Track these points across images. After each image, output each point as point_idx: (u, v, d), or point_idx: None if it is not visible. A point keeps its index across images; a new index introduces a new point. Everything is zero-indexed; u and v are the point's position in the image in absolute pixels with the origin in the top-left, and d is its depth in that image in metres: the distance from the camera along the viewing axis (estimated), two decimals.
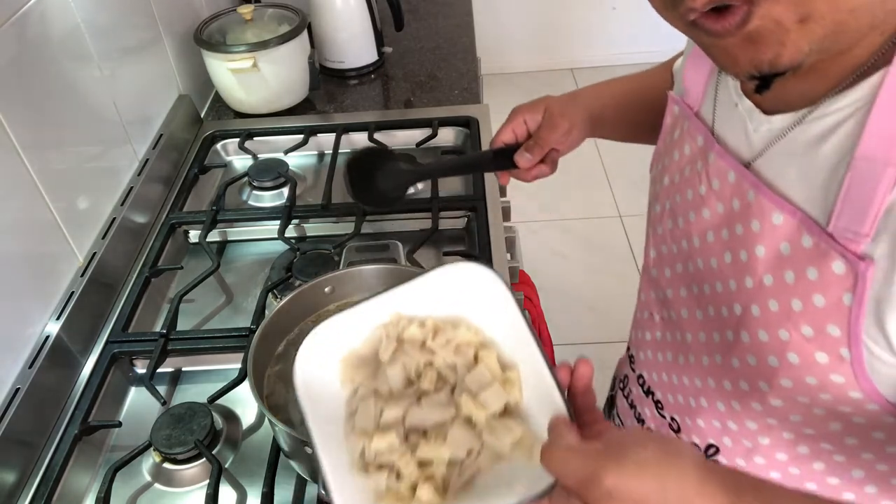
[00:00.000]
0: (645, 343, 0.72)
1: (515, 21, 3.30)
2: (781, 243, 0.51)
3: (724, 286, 0.57)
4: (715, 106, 0.59)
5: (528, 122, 0.79)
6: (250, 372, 0.71)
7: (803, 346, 0.50)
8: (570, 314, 2.11)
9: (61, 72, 0.96)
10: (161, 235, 1.07)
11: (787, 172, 0.51)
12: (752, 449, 0.60)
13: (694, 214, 0.60)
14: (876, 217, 0.44)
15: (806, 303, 0.49)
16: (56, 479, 0.76)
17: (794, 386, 0.52)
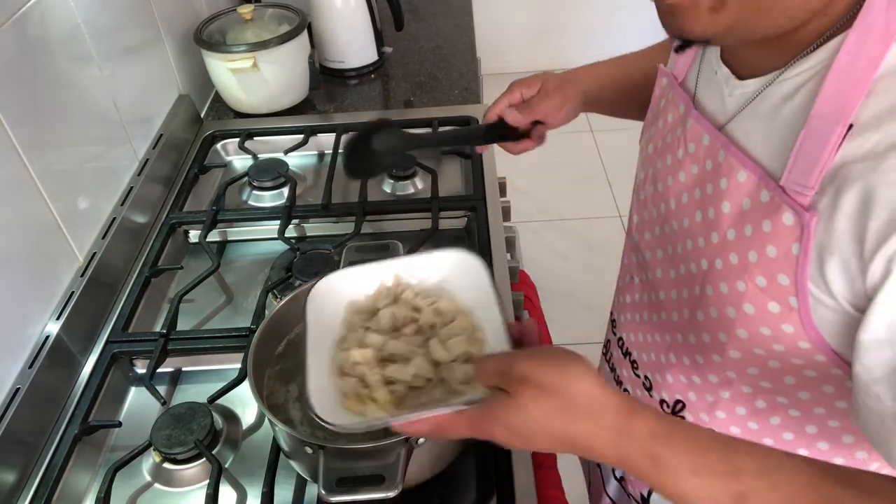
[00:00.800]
0: (626, 306, 0.77)
1: (515, 21, 3.30)
2: (744, 199, 0.55)
3: (693, 243, 0.61)
4: (698, 75, 0.64)
5: (524, 94, 0.84)
6: (250, 372, 0.71)
7: (757, 296, 0.54)
8: (570, 314, 2.11)
9: (61, 72, 0.96)
10: (161, 235, 1.07)
11: (754, 132, 0.55)
12: (713, 403, 0.64)
13: (672, 178, 0.64)
14: (822, 171, 0.47)
15: (761, 254, 0.53)
16: (56, 479, 0.76)
17: (749, 337, 0.56)
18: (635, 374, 0.75)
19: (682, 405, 0.68)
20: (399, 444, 0.63)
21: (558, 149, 3.07)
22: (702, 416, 0.66)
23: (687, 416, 0.68)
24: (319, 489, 0.62)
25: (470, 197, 1.11)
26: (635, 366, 0.75)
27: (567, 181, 2.75)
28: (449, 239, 1.09)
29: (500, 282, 0.96)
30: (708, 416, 0.66)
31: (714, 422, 0.65)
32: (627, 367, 0.77)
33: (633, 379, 0.76)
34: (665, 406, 0.70)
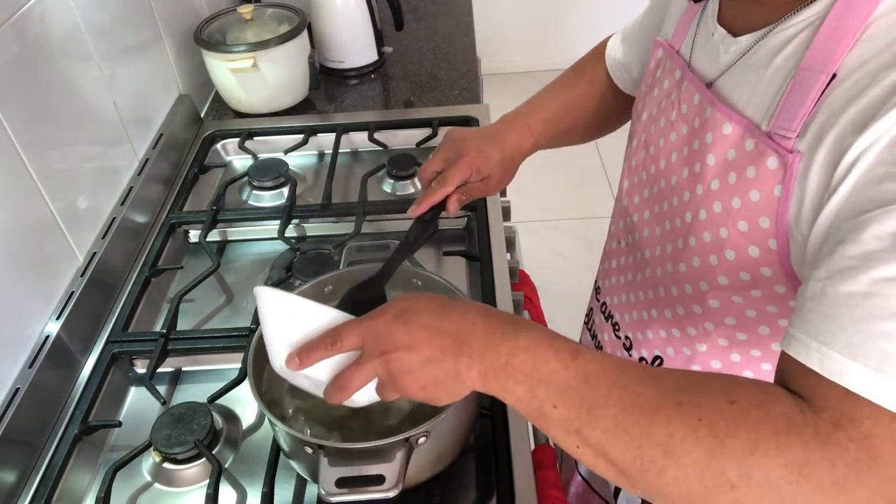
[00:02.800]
0: (611, 271, 0.79)
1: (515, 21, 3.30)
2: (729, 150, 0.57)
3: (679, 199, 0.63)
4: (694, 40, 0.66)
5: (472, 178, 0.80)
6: (250, 372, 0.71)
7: (739, 242, 0.57)
8: (570, 314, 2.10)
9: (61, 72, 0.96)
10: (161, 235, 1.07)
11: (744, 85, 0.57)
12: (690, 357, 0.67)
13: (663, 140, 0.67)
14: (804, 116, 0.50)
15: (744, 199, 0.55)
16: (56, 478, 0.76)
17: (729, 283, 0.59)
18: (616, 336, 0.78)
19: (660, 361, 0.71)
20: (399, 444, 0.63)
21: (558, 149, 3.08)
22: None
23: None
24: (319, 489, 0.62)
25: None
26: (617, 328, 0.77)
27: (567, 181, 2.75)
28: (449, 239, 1.09)
29: (501, 282, 0.96)
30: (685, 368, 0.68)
31: None
32: (609, 331, 0.79)
33: (615, 341, 0.78)
34: (644, 363, 0.72)
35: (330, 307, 0.61)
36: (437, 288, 0.80)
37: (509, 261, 1.03)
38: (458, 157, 0.79)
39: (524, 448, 0.77)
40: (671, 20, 0.73)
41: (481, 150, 0.81)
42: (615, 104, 0.91)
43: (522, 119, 0.88)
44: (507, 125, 0.86)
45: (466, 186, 0.81)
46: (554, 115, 0.89)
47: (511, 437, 0.78)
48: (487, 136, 0.84)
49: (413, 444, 0.64)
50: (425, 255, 1.02)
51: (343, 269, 0.84)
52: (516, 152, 0.85)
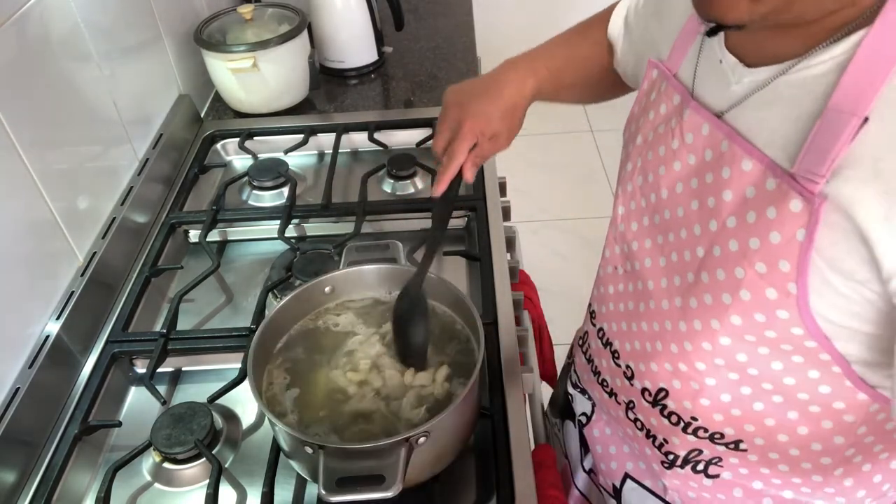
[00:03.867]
0: (607, 297, 0.76)
1: (515, 21, 3.30)
2: (748, 188, 0.55)
3: (688, 232, 0.61)
4: (697, 65, 0.63)
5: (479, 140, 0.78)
6: (250, 372, 0.71)
7: (756, 283, 0.54)
8: (570, 314, 2.10)
9: (61, 72, 0.96)
10: (161, 235, 1.07)
11: (763, 121, 0.54)
12: (698, 391, 0.64)
13: (664, 168, 0.64)
14: (834, 160, 0.48)
15: (763, 240, 0.53)
16: (56, 478, 0.76)
17: (743, 323, 0.57)
18: (615, 364, 0.75)
19: (665, 393, 0.68)
20: (399, 444, 0.63)
21: (558, 149, 3.08)
22: (685, 404, 0.66)
23: (670, 404, 0.68)
24: (319, 489, 0.62)
25: (470, 197, 1.11)
26: (616, 356, 0.75)
27: (567, 181, 2.75)
28: (449, 239, 1.09)
29: (501, 282, 0.96)
30: (691, 403, 0.66)
31: (698, 409, 0.65)
32: (608, 358, 0.77)
33: (614, 369, 0.76)
34: (647, 395, 0.70)
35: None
36: (437, 288, 0.80)
37: (509, 261, 1.03)
38: (459, 126, 0.77)
39: (524, 448, 0.77)
40: (666, 40, 0.69)
41: (481, 112, 0.78)
42: (616, 76, 0.87)
43: (525, 62, 0.84)
44: (508, 68, 0.83)
45: (477, 150, 0.78)
46: (558, 66, 0.85)
47: (511, 437, 0.78)
48: (486, 89, 0.81)
49: (413, 444, 0.64)
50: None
51: (343, 269, 0.84)
52: (518, 99, 0.81)
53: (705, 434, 0.67)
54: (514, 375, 0.84)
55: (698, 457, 0.69)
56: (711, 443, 0.67)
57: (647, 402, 0.71)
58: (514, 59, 0.85)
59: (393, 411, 0.72)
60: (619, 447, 0.81)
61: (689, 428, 0.67)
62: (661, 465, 0.72)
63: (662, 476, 0.73)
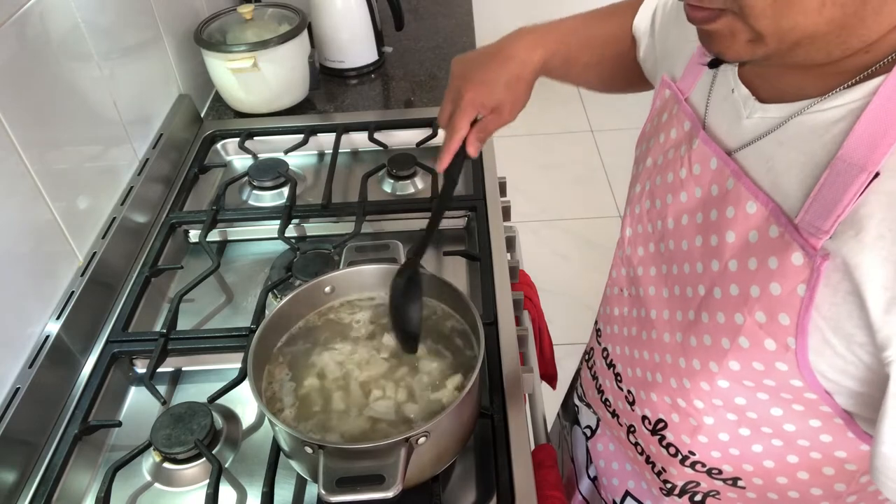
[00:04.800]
0: (613, 318, 0.74)
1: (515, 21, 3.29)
2: (751, 231, 0.53)
3: (691, 268, 0.59)
4: (710, 92, 0.61)
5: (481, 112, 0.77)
6: (250, 371, 0.71)
7: (755, 332, 0.52)
8: (570, 314, 2.11)
9: (61, 71, 0.96)
10: (161, 235, 1.07)
11: (773, 162, 0.52)
12: (696, 427, 0.63)
13: (671, 197, 0.62)
14: (839, 216, 0.46)
15: (763, 290, 0.51)
16: (56, 478, 0.76)
17: (741, 369, 0.55)
18: (618, 387, 0.73)
19: (663, 424, 0.66)
20: (399, 444, 0.63)
21: (558, 149, 3.08)
22: (683, 438, 0.65)
23: (668, 435, 0.67)
24: (319, 489, 0.62)
25: (470, 197, 1.11)
26: (619, 378, 0.73)
27: (567, 181, 2.75)
28: (449, 239, 1.09)
29: (501, 282, 0.96)
30: (690, 438, 0.64)
31: (696, 445, 0.64)
32: (611, 379, 0.75)
33: (616, 391, 0.74)
34: (647, 423, 0.69)
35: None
36: (437, 288, 0.80)
37: (509, 261, 1.03)
38: (460, 96, 0.75)
39: (524, 448, 0.77)
40: (681, 57, 0.66)
41: (482, 83, 0.76)
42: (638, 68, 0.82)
43: (538, 33, 0.80)
44: (517, 37, 0.80)
45: (480, 123, 0.76)
46: (573, 43, 0.81)
47: (511, 437, 0.78)
48: (490, 59, 0.78)
49: (413, 444, 0.64)
50: (426, 254, 1.02)
51: (343, 269, 0.84)
52: (522, 70, 0.78)
53: (703, 469, 0.65)
54: (514, 375, 0.84)
55: (696, 488, 0.68)
56: (709, 477, 0.66)
57: (646, 430, 0.69)
58: (528, 28, 0.81)
59: (395, 411, 0.72)
60: (622, 464, 0.80)
61: (687, 461, 0.66)
62: (660, 491, 0.72)
63: (661, 501, 0.72)
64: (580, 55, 0.83)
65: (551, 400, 1.07)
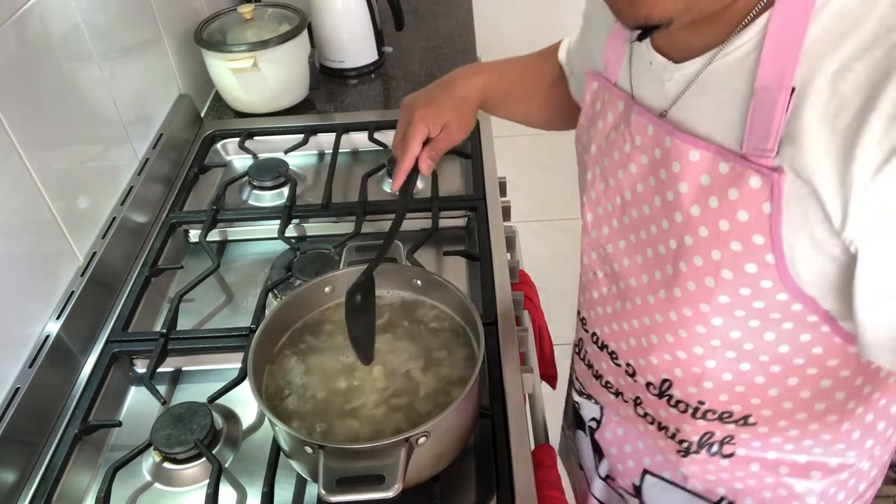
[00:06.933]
0: (593, 301, 0.79)
1: (515, 21, 3.30)
2: (701, 176, 0.57)
3: (658, 227, 0.63)
4: (631, 72, 0.65)
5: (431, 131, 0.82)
6: (250, 371, 0.71)
7: (734, 261, 0.56)
8: (570, 314, 2.10)
9: (61, 71, 0.96)
10: (161, 235, 1.07)
11: (702, 111, 0.57)
12: (700, 374, 0.66)
13: (622, 172, 0.66)
14: (777, 134, 0.51)
15: (732, 221, 0.55)
16: (56, 478, 0.76)
17: (730, 301, 0.59)
18: (615, 364, 0.76)
19: (668, 383, 0.70)
20: (399, 444, 0.63)
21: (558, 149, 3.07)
22: (689, 390, 0.68)
23: (675, 393, 0.70)
24: (319, 489, 0.62)
25: (470, 197, 1.11)
26: (614, 356, 0.76)
27: (567, 181, 2.74)
28: (449, 239, 1.09)
29: (501, 282, 0.96)
30: (696, 388, 0.67)
31: (703, 393, 0.67)
32: (606, 360, 0.78)
33: (614, 369, 0.77)
34: (652, 388, 0.72)
35: None
36: (436, 288, 0.80)
37: (509, 261, 1.03)
38: (410, 118, 0.81)
39: (524, 448, 0.77)
40: (596, 52, 0.72)
41: (429, 102, 0.82)
42: (573, 104, 0.89)
43: (478, 65, 0.90)
44: (460, 69, 0.88)
45: (431, 143, 0.81)
46: (509, 73, 0.89)
47: (511, 437, 0.78)
48: (435, 86, 0.86)
49: (413, 444, 0.64)
50: (425, 255, 1.02)
51: (343, 269, 0.84)
52: (466, 91, 0.85)
53: (714, 416, 0.68)
54: (514, 375, 0.85)
55: (711, 439, 0.71)
56: (721, 423, 0.69)
57: (653, 396, 0.72)
58: (469, 65, 0.90)
59: (395, 411, 0.72)
60: (634, 445, 0.81)
61: (698, 413, 0.69)
62: (678, 455, 0.74)
63: (680, 465, 0.74)
64: (517, 84, 0.91)
65: (551, 400, 1.07)
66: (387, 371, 0.76)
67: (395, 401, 0.73)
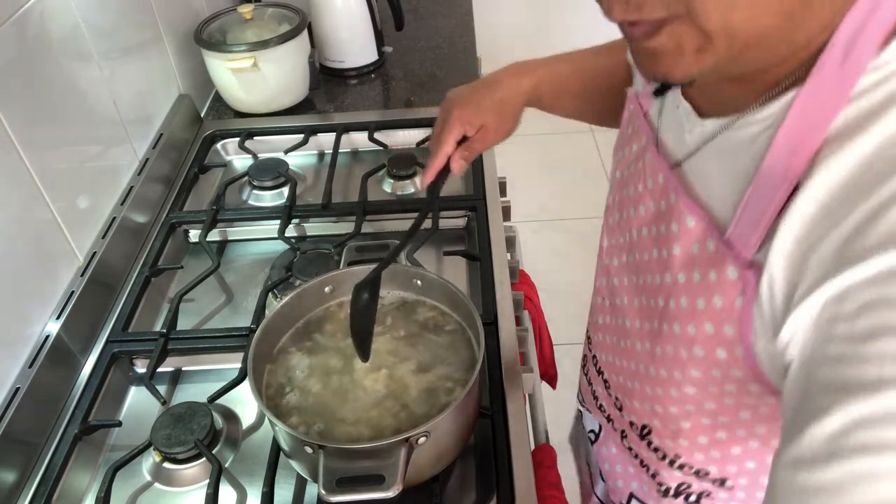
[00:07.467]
0: (598, 326, 0.75)
1: (515, 21, 3.30)
2: (693, 244, 0.54)
3: (652, 278, 0.60)
4: (661, 108, 0.61)
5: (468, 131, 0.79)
6: (250, 371, 0.71)
7: (707, 342, 0.53)
8: (570, 314, 2.10)
9: (61, 71, 0.96)
10: (161, 235, 1.07)
11: (710, 175, 0.53)
12: (676, 431, 0.63)
13: (634, 209, 0.63)
14: (765, 228, 0.46)
15: (708, 302, 0.52)
16: (56, 478, 0.77)
17: (702, 377, 0.56)
18: (608, 393, 0.74)
19: (648, 430, 0.67)
20: (399, 444, 0.63)
21: (558, 149, 3.08)
22: (667, 443, 0.66)
23: (654, 440, 0.67)
24: (319, 489, 0.62)
25: (470, 197, 1.11)
26: (607, 385, 0.74)
27: (567, 181, 2.75)
28: (449, 239, 1.09)
29: (501, 281, 0.96)
30: (673, 442, 0.65)
31: (678, 448, 0.65)
32: (601, 385, 0.76)
33: (607, 397, 0.75)
34: (634, 428, 0.70)
35: None
36: (436, 288, 0.80)
37: (509, 261, 1.03)
38: (448, 115, 0.78)
39: (524, 448, 0.77)
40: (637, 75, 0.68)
41: (469, 101, 0.79)
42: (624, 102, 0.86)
43: (527, 63, 0.84)
44: (507, 68, 0.83)
45: (467, 143, 0.78)
46: (564, 72, 0.84)
47: (511, 437, 0.78)
48: (480, 83, 0.82)
49: (413, 444, 0.64)
50: (425, 255, 1.02)
51: (343, 269, 0.84)
52: (509, 94, 0.81)
53: (691, 471, 0.66)
54: (514, 375, 0.85)
55: (689, 489, 0.68)
56: (698, 478, 0.66)
57: (635, 435, 0.70)
58: (519, 62, 0.84)
59: (395, 411, 0.72)
60: (625, 467, 0.79)
61: (675, 464, 0.66)
62: (658, 493, 0.72)
63: (661, 502, 0.72)
64: (570, 85, 0.85)
65: (551, 400, 1.07)
66: (387, 371, 0.76)
67: (395, 401, 0.73)
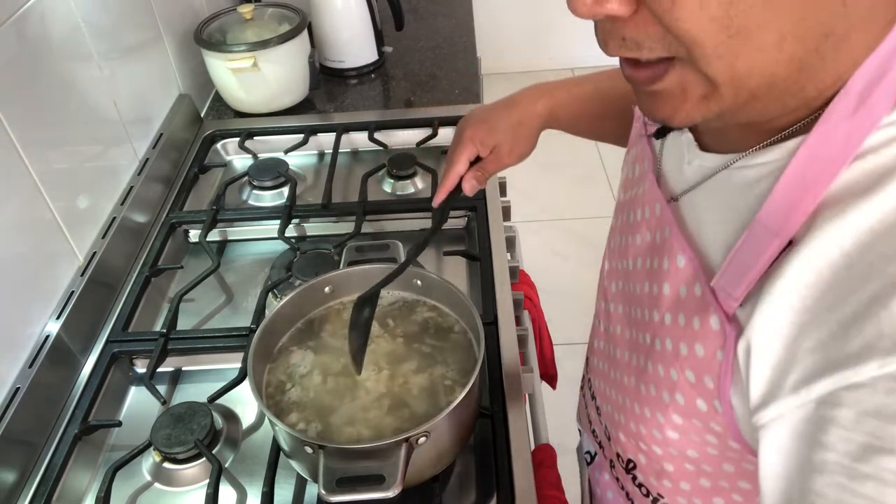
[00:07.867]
0: (594, 350, 0.73)
1: (515, 21, 3.30)
2: (681, 286, 0.51)
3: (642, 313, 0.57)
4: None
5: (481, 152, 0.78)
6: (250, 371, 0.71)
7: (688, 390, 0.51)
8: (570, 314, 2.10)
9: (61, 71, 0.96)
10: (161, 235, 1.07)
11: (706, 214, 0.50)
12: (660, 472, 0.60)
13: (630, 238, 0.60)
14: (750, 284, 0.43)
15: (690, 349, 0.49)
16: (56, 478, 0.77)
17: (683, 423, 0.53)
18: (599, 421, 0.72)
19: (633, 465, 0.64)
20: (399, 444, 0.63)
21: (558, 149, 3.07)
22: (651, 481, 0.63)
23: (639, 476, 0.64)
24: (319, 489, 0.62)
25: (470, 197, 1.11)
26: (599, 412, 0.72)
27: (567, 181, 2.75)
28: (449, 239, 1.09)
29: (501, 282, 0.96)
30: (657, 481, 0.62)
31: (662, 489, 0.62)
32: (594, 411, 0.74)
33: (599, 424, 0.72)
34: (620, 461, 0.67)
35: None
36: (437, 288, 0.80)
37: (509, 261, 1.03)
38: (461, 134, 0.78)
39: (524, 448, 0.77)
40: None
41: (484, 121, 0.78)
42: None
43: (546, 85, 0.82)
44: (526, 89, 0.81)
45: (480, 163, 0.77)
46: (583, 94, 0.81)
47: (511, 437, 0.78)
48: (500, 104, 0.80)
49: (413, 444, 0.64)
50: (425, 254, 1.02)
51: (343, 269, 0.84)
52: (525, 116, 0.79)
53: None
54: (514, 375, 0.85)
55: None
56: None
57: (621, 467, 0.68)
58: (541, 83, 0.82)
59: (395, 411, 0.72)
60: (615, 496, 0.78)
61: (658, 503, 0.64)
62: None
63: None
64: (591, 107, 0.82)
65: (551, 400, 1.07)
66: (387, 371, 0.76)
67: (395, 401, 0.73)
